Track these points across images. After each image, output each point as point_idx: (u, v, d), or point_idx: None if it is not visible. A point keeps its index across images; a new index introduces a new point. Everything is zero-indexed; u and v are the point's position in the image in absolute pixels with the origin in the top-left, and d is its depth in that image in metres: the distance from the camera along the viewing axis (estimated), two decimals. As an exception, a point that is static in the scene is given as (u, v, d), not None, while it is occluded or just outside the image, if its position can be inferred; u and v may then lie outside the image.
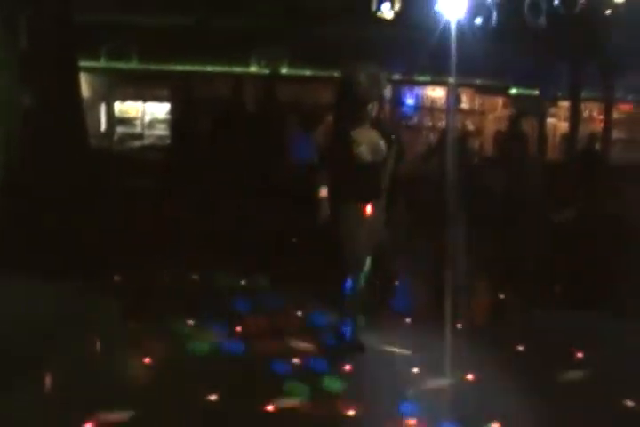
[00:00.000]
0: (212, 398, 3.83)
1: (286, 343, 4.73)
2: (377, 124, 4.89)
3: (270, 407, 3.76)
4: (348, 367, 4.42)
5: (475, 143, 15.39)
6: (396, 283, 6.84)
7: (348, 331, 4.79)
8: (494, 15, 9.88)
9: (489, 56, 13.78)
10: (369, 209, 4.83)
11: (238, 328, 4.99)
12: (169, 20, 13.82)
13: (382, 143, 4.83)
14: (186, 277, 6.16)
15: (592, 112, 15.80)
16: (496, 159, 12.89)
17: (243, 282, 6.17)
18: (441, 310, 5.24)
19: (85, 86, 10.15)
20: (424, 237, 9.69)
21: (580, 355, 4.76)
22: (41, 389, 3.81)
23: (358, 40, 13.58)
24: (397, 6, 9.81)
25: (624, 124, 15.42)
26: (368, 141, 4.78)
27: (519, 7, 9.41)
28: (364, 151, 4.76)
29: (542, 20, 8.49)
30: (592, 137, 13.09)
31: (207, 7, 13.17)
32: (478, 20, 10.31)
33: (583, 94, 12.89)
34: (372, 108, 4.81)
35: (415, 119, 16.26)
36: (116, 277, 5.97)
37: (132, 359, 4.34)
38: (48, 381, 3.86)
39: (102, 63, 14.79)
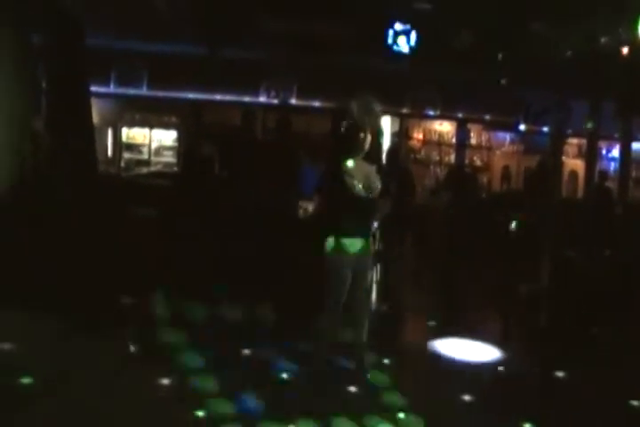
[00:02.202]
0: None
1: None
2: (373, 158, 4.78)
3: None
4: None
5: (482, 179, 15.39)
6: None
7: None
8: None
9: (499, 92, 13.81)
10: (356, 246, 4.68)
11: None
12: (179, 48, 13.82)
13: (376, 178, 4.70)
14: (190, 306, 5.98)
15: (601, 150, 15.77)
16: (504, 195, 12.80)
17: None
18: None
19: (94, 111, 10.04)
20: (431, 270, 9.55)
21: None
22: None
23: (369, 72, 13.57)
24: (413, 40, 9.75)
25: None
26: (361, 175, 4.66)
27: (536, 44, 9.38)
28: (355, 185, 4.63)
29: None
30: (602, 174, 13.02)
31: (219, 36, 13.16)
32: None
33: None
34: (365, 139, 4.69)
35: (423, 154, 16.19)
36: (120, 306, 5.79)
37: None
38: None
39: (111, 89, 14.77)
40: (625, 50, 9.62)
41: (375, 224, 5.05)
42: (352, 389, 4.58)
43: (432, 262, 9.91)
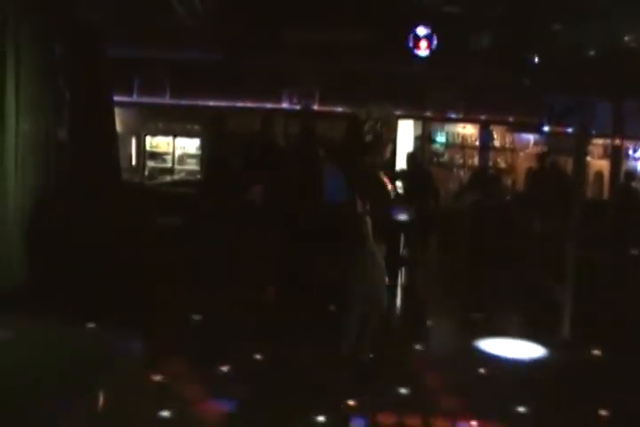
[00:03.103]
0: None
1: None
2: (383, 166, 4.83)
3: None
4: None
5: (506, 181, 15.27)
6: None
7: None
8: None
9: (523, 93, 13.69)
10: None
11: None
12: (201, 56, 13.90)
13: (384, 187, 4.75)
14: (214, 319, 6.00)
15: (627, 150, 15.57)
16: (527, 196, 12.68)
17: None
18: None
19: (117, 121, 10.15)
20: (455, 272, 9.50)
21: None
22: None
23: (391, 77, 13.55)
24: (434, 44, 9.71)
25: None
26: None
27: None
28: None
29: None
30: (628, 175, 12.85)
31: (240, 43, 13.21)
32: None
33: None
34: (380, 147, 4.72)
35: (446, 157, 16.09)
36: (142, 318, 5.81)
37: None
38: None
39: (134, 97, 14.89)
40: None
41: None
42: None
43: (456, 265, 9.85)
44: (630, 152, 15.72)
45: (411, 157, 11.29)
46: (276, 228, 7.99)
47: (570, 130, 14.20)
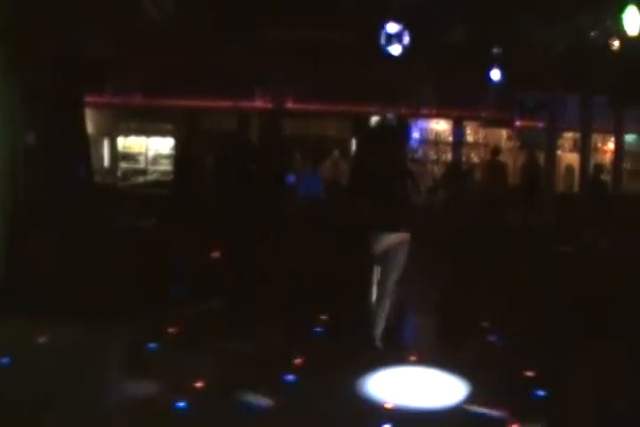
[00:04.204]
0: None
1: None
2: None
3: None
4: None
5: (478, 175, 15.39)
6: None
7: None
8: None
9: (495, 89, 13.81)
10: None
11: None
12: (173, 56, 13.82)
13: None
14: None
15: (597, 143, 15.79)
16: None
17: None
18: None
19: (88, 122, 10.05)
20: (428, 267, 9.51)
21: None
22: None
23: (364, 75, 13.59)
24: (406, 41, 9.75)
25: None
26: None
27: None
28: None
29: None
30: (598, 168, 13.03)
31: (213, 43, 13.18)
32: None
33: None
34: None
35: (420, 152, 16.19)
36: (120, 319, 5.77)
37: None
38: None
39: (106, 98, 14.75)
40: (613, 43, 9.65)
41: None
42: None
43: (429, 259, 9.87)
44: (599, 145, 16.00)
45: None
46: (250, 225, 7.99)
47: (541, 124, 14.38)
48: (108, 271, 6.62)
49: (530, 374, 4.81)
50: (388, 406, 4.30)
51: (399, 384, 4.75)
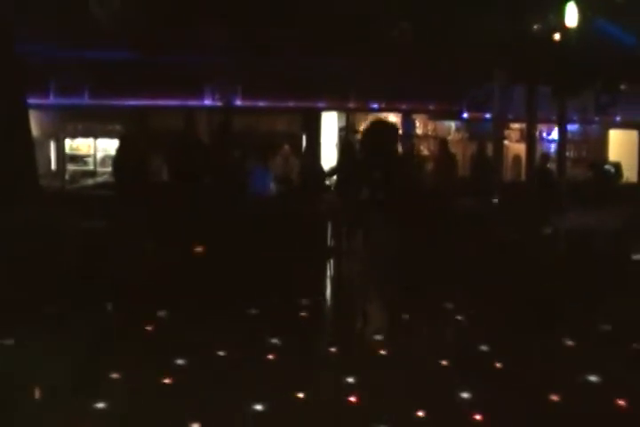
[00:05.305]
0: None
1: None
2: None
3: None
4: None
5: (429, 166, 15.58)
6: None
7: None
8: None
9: (442, 81, 14.02)
10: None
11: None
12: (119, 55, 13.67)
13: None
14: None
15: (542, 133, 16.16)
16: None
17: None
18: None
19: (34, 124, 9.89)
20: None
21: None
22: None
23: (312, 71, 13.67)
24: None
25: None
26: None
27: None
28: None
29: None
30: (544, 157, 13.36)
31: (158, 41, 13.08)
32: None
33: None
34: None
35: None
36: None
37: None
38: None
39: (50, 99, 14.51)
40: (555, 35, 9.92)
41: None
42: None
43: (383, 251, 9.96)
44: (545, 135, 16.36)
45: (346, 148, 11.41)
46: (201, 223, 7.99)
47: (488, 116, 14.63)
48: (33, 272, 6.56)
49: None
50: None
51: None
